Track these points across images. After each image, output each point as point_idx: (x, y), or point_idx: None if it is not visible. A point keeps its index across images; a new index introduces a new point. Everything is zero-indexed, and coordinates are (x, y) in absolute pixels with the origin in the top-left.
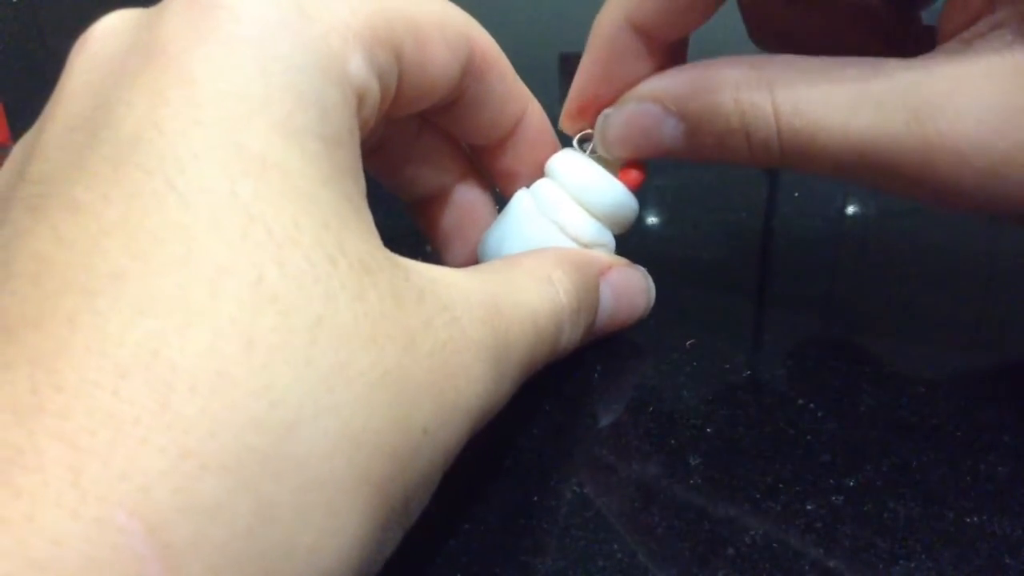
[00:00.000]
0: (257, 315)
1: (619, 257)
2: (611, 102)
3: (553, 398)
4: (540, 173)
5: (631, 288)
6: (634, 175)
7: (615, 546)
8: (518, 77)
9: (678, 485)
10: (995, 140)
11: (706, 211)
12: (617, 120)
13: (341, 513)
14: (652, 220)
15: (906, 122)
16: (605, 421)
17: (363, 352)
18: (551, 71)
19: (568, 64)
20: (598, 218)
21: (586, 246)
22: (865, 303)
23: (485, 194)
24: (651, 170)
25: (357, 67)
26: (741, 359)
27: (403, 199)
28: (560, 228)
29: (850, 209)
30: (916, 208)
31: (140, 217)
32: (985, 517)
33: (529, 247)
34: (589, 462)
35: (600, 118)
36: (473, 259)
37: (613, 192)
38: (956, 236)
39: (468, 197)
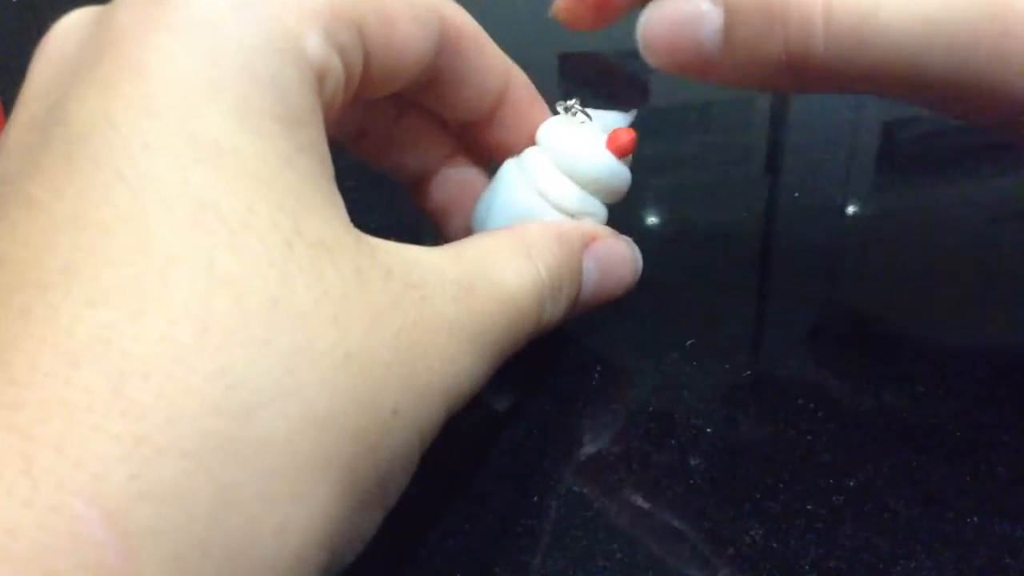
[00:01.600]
0: (210, 300)
1: (604, 227)
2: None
3: (553, 398)
4: (530, 143)
5: (616, 259)
6: (622, 142)
7: (615, 546)
8: (497, 48)
9: (678, 485)
10: None
11: (706, 211)
12: (657, 14)
13: (307, 496)
14: (652, 220)
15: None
16: (605, 421)
17: (324, 333)
18: (551, 71)
19: (568, 64)
20: (585, 187)
21: (572, 216)
22: (865, 303)
23: (477, 167)
24: (651, 170)
25: (315, 45)
26: (741, 359)
27: (396, 180)
28: (544, 198)
29: (850, 209)
30: (916, 208)
31: (91, 210)
32: (985, 517)
33: (515, 218)
34: (589, 462)
35: (641, 17)
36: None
37: (599, 160)
38: (956, 236)
39: (461, 172)
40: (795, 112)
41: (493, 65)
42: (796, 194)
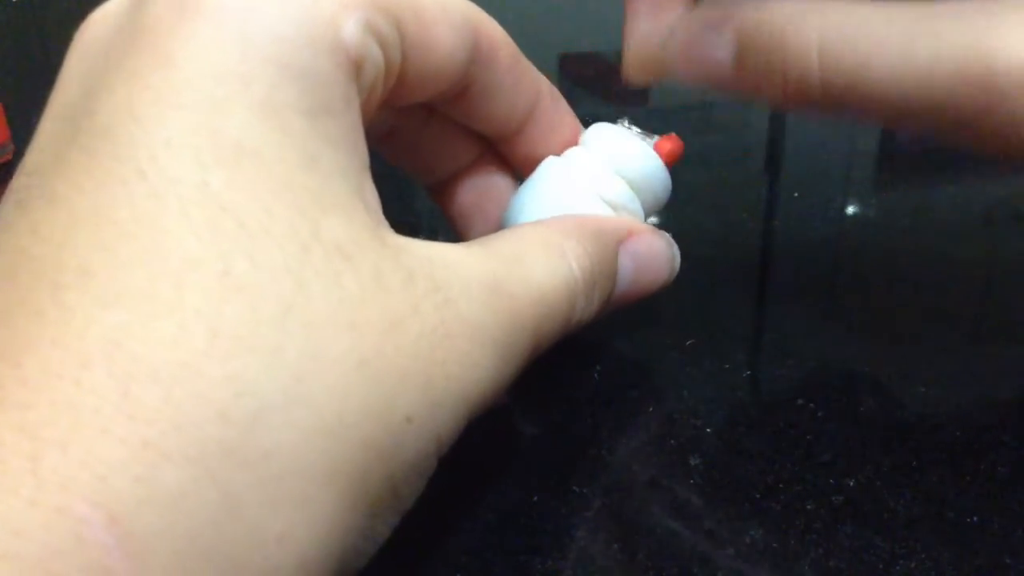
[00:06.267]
0: (223, 306)
1: (641, 223)
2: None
3: (553, 398)
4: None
5: (653, 256)
6: (669, 147)
7: (615, 546)
8: (530, 64)
9: (678, 485)
10: None
11: (706, 211)
12: (681, 35)
13: (313, 504)
14: (652, 220)
15: (967, 47)
16: (605, 421)
17: (338, 339)
18: (551, 71)
19: (568, 64)
20: (632, 185)
21: (614, 209)
22: (865, 303)
23: (503, 175)
24: None
25: (351, 31)
26: (741, 359)
27: (420, 183)
28: (592, 190)
29: (850, 209)
30: (916, 208)
31: (109, 208)
32: (985, 517)
33: (554, 211)
34: (589, 462)
35: (666, 33)
36: None
37: (649, 160)
38: (956, 236)
39: (486, 179)
40: (795, 112)
41: (525, 81)
42: (796, 194)
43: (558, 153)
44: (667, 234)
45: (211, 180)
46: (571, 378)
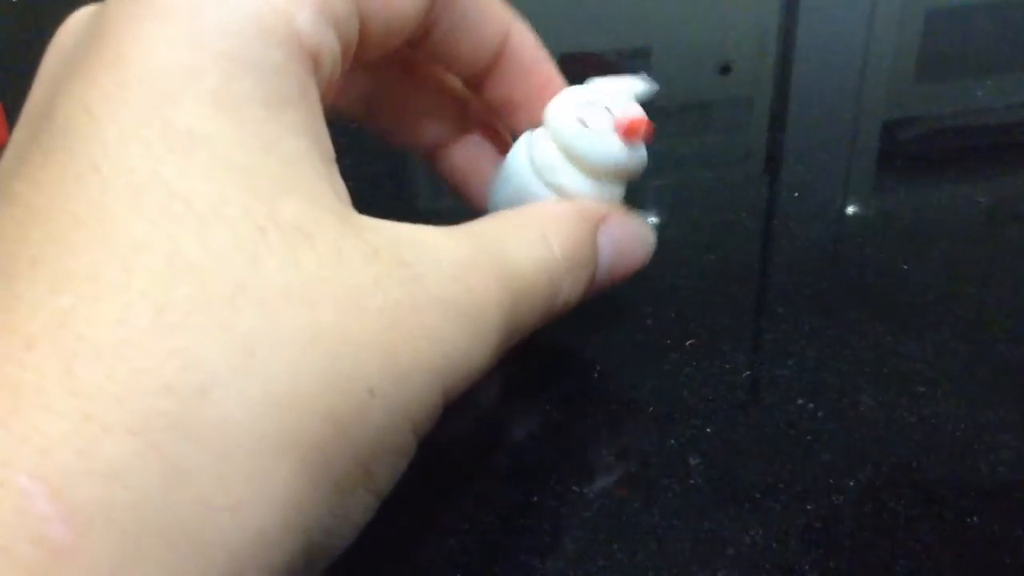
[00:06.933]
0: (171, 286)
1: (615, 206)
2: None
3: (553, 398)
4: (537, 99)
5: (629, 238)
6: (633, 127)
7: (615, 546)
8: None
9: (678, 485)
10: None
11: (706, 211)
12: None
13: (268, 475)
14: (652, 220)
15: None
16: (605, 421)
17: (292, 314)
18: None
19: (569, 64)
20: (595, 176)
21: (575, 198)
22: (865, 303)
23: (491, 132)
24: (651, 170)
25: (305, 22)
26: (741, 359)
27: (414, 154)
28: (549, 181)
29: (850, 209)
30: (916, 208)
31: (63, 201)
32: (985, 517)
33: (519, 202)
34: (589, 462)
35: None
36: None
37: (609, 149)
38: (956, 236)
39: (474, 137)
40: (795, 112)
41: (490, 14)
42: (796, 194)
43: (535, 98)
44: (640, 217)
45: (162, 168)
46: (571, 378)
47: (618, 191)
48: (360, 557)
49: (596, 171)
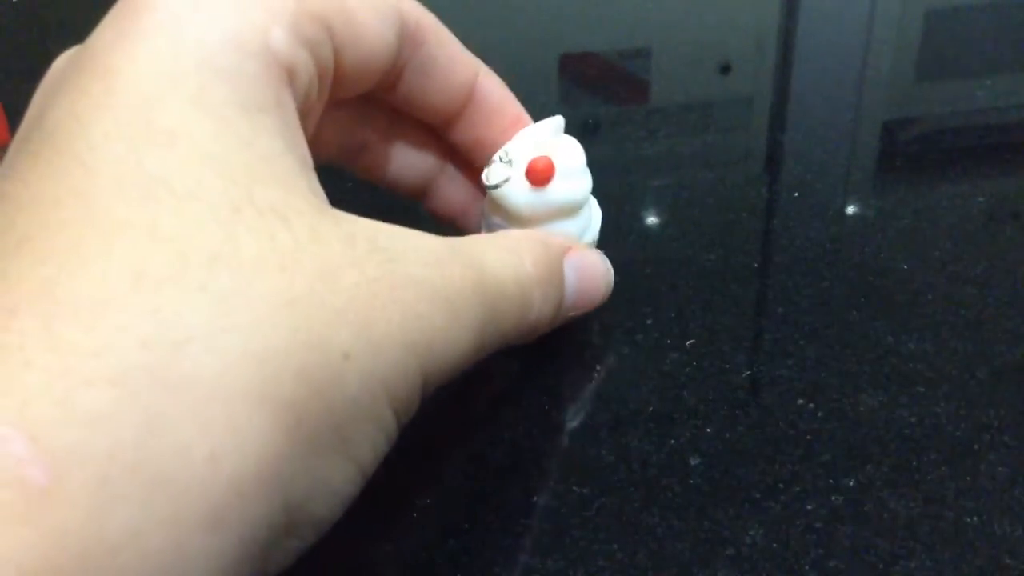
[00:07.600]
0: (150, 255)
1: (576, 241)
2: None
3: (553, 398)
4: (506, 138)
5: (592, 269)
6: (536, 172)
7: (615, 546)
8: (463, 46)
9: (678, 485)
10: None
11: (706, 211)
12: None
13: (243, 425)
14: (652, 220)
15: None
16: (605, 421)
17: (267, 279)
18: (551, 71)
19: (568, 64)
20: (530, 225)
21: None
22: (865, 303)
23: (477, 170)
24: (651, 170)
25: (279, 39)
26: (741, 359)
27: (404, 195)
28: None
29: (850, 209)
30: (916, 208)
31: (49, 190)
32: (985, 517)
33: None
34: (589, 462)
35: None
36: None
37: (526, 203)
38: (956, 236)
39: (460, 176)
40: (795, 112)
41: (458, 59)
42: (796, 194)
43: (503, 140)
44: (599, 251)
45: (144, 159)
46: (571, 378)
47: (571, 227)
48: (360, 557)
49: (529, 223)
